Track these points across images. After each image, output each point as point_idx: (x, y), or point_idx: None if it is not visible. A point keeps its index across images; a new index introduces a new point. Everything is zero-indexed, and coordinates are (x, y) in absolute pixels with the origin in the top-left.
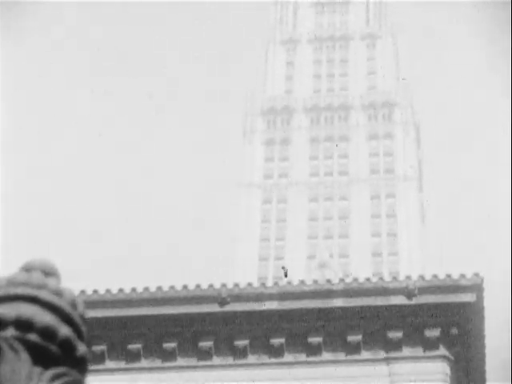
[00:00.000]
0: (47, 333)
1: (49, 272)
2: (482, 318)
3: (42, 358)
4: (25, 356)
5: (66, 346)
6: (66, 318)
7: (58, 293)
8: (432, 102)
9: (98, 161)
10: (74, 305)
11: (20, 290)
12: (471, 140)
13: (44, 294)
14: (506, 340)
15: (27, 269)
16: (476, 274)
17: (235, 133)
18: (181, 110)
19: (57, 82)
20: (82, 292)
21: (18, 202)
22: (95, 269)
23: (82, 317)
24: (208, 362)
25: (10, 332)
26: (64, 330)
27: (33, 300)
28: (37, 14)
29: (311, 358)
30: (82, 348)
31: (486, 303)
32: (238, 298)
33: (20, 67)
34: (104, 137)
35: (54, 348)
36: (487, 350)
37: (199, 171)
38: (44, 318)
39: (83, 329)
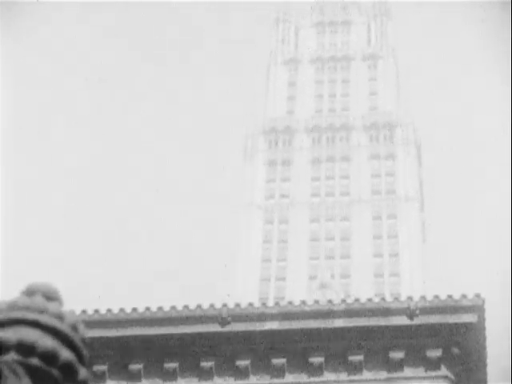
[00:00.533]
0: (49, 357)
1: (50, 296)
2: (484, 338)
3: (43, 381)
4: (26, 380)
5: (68, 369)
6: (68, 342)
7: (60, 317)
8: (433, 122)
9: (96, 177)
10: (75, 328)
11: (22, 315)
12: (473, 160)
13: (45, 318)
14: (507, 360)
15: (29, 293)
16: (477, 295)
17: (236, 153)
18: (182, 129)
19: (56, 83)
20: (83, 312)
21: (18, 215)
22: (96, 288)
23: (83, 340)
24: (209, 382)
25: (12, 356)
26: (65, 354)
27: (34, 324)
28: (37, 14)
29: (312, 379)
30: (83, 371)
31: (488, 322)
32: (239, 318)
33: (20, 67)
34: (104, 145)
35: (55, 372)
36: (488, 369)
37: (201, 191)
38: (45, 342)
39: (84, 352)
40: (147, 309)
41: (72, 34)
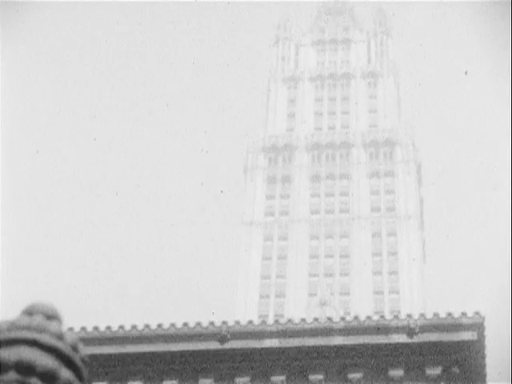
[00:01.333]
0: (48, 376)
1: (50, 315)
2: (483, 356)
3: None
4: None
5: None
6: (68, 362)
7: (60, 336)
8: (434, 140)
9: (97, 193)
10: (75, 348)
11: (22, 334)
12: (472, 178)
13: (45, 338)
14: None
15: (29, 312)
16: (477, 313)
17: (237, 170)
18: (183, 147)
19: (55, 83)
20: (83, 329)
21: (16, 228)
22: (96, 305)
23: (83, 360)
24: None
25: (12, 376)
26: (65, 374)
27: (34, 344)
28: (37, 14)
29: None
30: None
31: (488, 340)
32: (239, 335)
33: (19, 66)
34: (104, 162)
35: None
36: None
37: (201, 208)
38: (45, 361)
39: (84, 372)
40: (146, 326)
41: (72, 34)
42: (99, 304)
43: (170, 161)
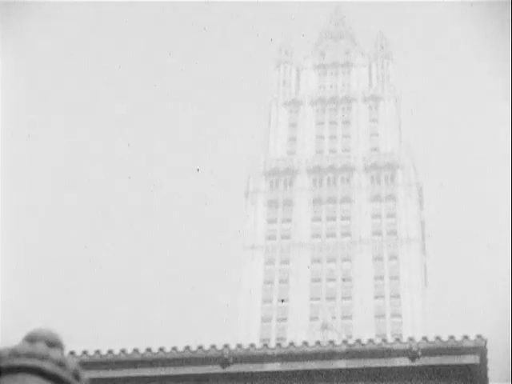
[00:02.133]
0: None
1: (52, 343)
2: (486, 379)
3: None
4: None
5: None
6: None
7: (62, 364)
8: (435, 163)
9: (97, 219)
10: (77, 376)
11: (24, 362)
12: (474, 201)
13: (47, 365)
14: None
15: (31, 339)
16: (479, 336)
17: (238, 194)
18: (183, 170)
19: (55, 83)
20: (85, 353)
21: (13, 262)
22: (99, 329)
23: None
24: None
25: None
26: None
27: (36, 371)
28: (38, 14)
29: None
30: None
31: (490, 363)
32: (241, 359)
33: (19, 65)
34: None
35: None
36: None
37: (202, 232)
38: None
39: None
40: (148, 350)
41: (72, 34)
42: (100, 329)
43: (171, 184)
